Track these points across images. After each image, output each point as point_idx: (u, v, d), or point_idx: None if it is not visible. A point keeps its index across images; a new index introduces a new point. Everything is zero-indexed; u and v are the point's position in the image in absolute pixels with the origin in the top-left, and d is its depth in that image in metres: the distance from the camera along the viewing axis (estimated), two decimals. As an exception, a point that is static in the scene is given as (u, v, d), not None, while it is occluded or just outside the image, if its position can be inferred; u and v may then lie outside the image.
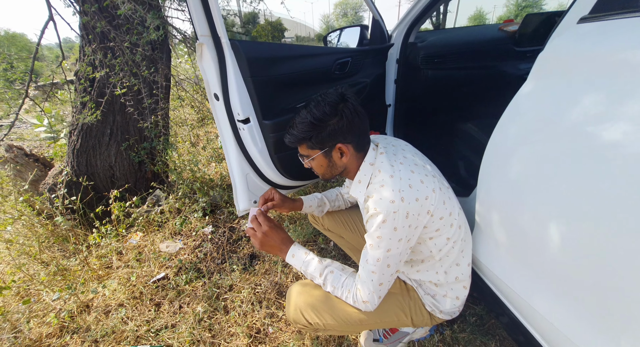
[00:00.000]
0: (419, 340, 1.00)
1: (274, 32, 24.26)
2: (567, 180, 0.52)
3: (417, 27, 1.44)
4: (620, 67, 0.47)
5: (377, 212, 0.63)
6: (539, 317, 0.63)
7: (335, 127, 0.68)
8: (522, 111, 0.62)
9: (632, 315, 0.46)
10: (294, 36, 42.54)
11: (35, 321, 1.09)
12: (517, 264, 0.68)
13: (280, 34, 26.65)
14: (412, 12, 1.38)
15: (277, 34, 25.42)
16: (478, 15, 24.44)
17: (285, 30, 29.28)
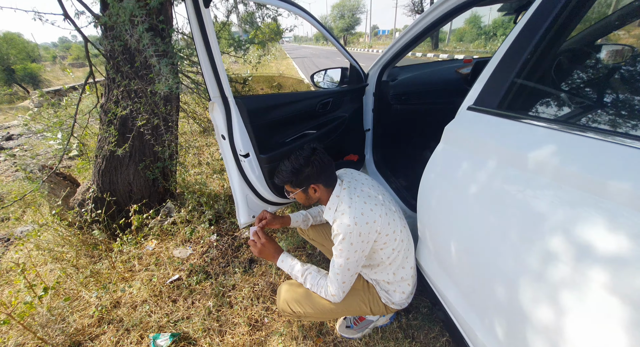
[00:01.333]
0: (382, 326, 1.28)
1: (271, 34, 24.64)
2: (461, 217, 0.80)
3: (389, 69, 1.73)
4: (482, 145, 0.75)
5: (339, 233, 0.91)
6: (449, 304, 0.91)
7: (308, 173, 0.96)
8: (436, 164, 0.90)
9: (495, 300, 0.74)
10: (292, 36, 42.34)
11: (77, 315, 1.36)
12: (438, 267, 0.96)
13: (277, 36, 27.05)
14: (385, 57, 1.66)
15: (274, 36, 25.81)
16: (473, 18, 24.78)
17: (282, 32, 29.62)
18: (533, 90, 0.74)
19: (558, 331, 0.52)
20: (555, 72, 0.79)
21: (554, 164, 0.55)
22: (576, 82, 0.78)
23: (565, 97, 0.72)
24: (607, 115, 0.65)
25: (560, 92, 0.74)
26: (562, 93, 0.74)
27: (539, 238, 0.55)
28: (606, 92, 0.77)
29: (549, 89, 0.76)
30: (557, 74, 0.79)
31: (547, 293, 0.54)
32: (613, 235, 0.44)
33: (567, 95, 0.73)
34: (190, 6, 0.88)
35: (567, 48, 0.90)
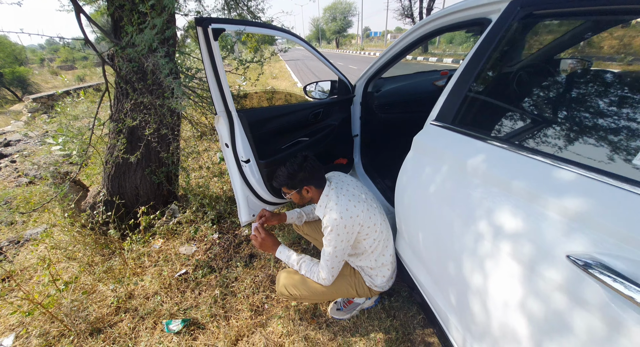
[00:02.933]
0: (368, 308, 1.47)
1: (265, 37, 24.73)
2: (426, 213, 0.99)
3: (373, 81, 1.93)
4: (439, 153, 0.94)
5: (327, 225, 1.10)
6: (418, 279, 1.10)
7: (301, 177, 1.15)
8: (407, 168, 1.09)
9: (448, 274, 0.93)
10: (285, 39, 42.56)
11: (96, 305, 1.51)
12: (412, 254, 1.16)
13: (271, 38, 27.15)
14: (370, 71, 1.86)
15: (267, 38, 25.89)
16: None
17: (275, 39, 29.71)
18: (476, 111, 0.94)
19: (485, 288, 0.71)
20: (494, 95, 1.00)
21: (483, 169, 0.75)
22: (512, 105, 0.98)
23: (501, 117, 0.92)
24: (528, 131, 0.86)
25: (498, 113, 0.94)
26: (499, 113, 0.94)
27: (473, 223, 0.75)
28: (529, 112, 0.97)
29: (488, 109, 0.96)
30: (496, 96, 1.00)
31: (480, 265, 0.73)
32: (515, 219, 0.64)
33: (503, 115, 0.93)
34: (202, 40, 1.06)
35: (510, 72, 1.11)
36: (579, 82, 0.91)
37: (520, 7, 0.80)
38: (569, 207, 0.54)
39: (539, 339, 0.58)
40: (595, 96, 0.77)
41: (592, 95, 0.78)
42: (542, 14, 0.78)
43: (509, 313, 0.64)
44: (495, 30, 0.87)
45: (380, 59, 1.70)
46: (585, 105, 0.78)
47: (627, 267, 0.45)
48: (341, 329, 1.38)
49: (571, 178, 0.57)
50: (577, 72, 1.03)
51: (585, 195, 0.53)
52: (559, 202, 0.56)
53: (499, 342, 0.69)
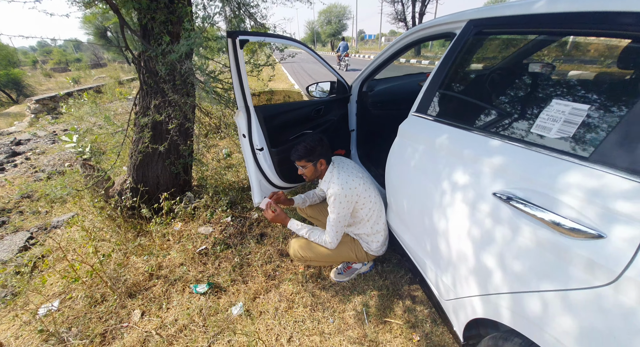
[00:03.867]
0: (364, 273, 1.74)
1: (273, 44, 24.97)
2: (409, 183, 1.26)
3: (367, 82, 2.21)
4: (417, 137, 1.22)
5: (331, 195, 1.37)
6: (405, 242, 1.38)
7: (319, 151, 1.42)
8: (394, 150, 1.38)
9: (424, 229, 1.21)
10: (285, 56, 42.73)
11: (131, 274, 1.76)
12: (399, 220, 1.44)
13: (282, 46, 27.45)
14: (364, 73, 2.15)
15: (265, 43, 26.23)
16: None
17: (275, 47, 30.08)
18: (444, 103, 1.23)
19: (447, 229, 0.99)
20: (461, 90, 1.29)
21: (447, 145, 1.03)
22: (468, 98, 1.27)
23: (460, 107, 1.21)
24: (484, 116, 1.14)
25: (458, 104, 1.23)
26: (459, 105, 1.23)
27: (440, 184, 1.03)
28: (489, 101, 1.26)
29: (452, 102, 1.25)
30: (457, 92, 1.29)
31: (444, 213, 1.01)
32: (464, 175, 0.92)
33: (461, 106, 1.22)
34: (231, 48, 1.33)
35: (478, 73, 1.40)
36: (509, 81, 1.20)
37: (474, 26, 1.09)
38: (494, 163, 0.82)
39: (480, 255, 0.86)
40: (514, 91, 1.06)
41: (513, 90, 1.07)
42: (487, 31, 1.06)
43: (461, 242, 0.92)
44: (458, 42, 1.15)
45: (372, 63, 1.98)
46: (508, 97, 1.07)
47: (524, 195, 0.73)
48: (342, 289, 1.65)
49: (497, 145, 0.85)
50: (511, 75, 1.33)
51: (503, 154, 0.81)
52: (489, 161, 0.84)
53: (457, 266, 0.97)
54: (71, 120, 5.56)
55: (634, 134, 0.57)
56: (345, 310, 1.52)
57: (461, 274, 0.94)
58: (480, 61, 1.40)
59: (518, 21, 0.90)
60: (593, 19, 0.66)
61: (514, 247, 0.73)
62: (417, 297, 1.56)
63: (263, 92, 2.15)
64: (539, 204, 0.68)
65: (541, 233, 0.67)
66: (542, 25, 0.83)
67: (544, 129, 0.76)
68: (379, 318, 1.45)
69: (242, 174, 2.94)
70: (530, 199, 0.70)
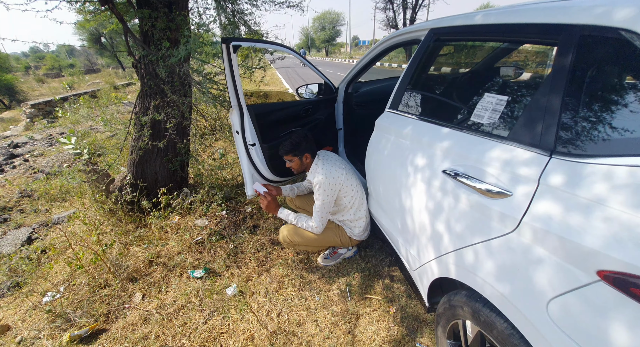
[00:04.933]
0: (349, 258, 1.89)
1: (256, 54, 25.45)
2: (383, 170, 1.43)
3: (352, 84, 2.40)
4: (389, 129, 1.40)
5: (316, 183, 1.53)
6: (383, 225, 1.54)
7: (304, 146, 1.58)
8: (372, 143, 1.55)
9: (396, 208, 1.37)
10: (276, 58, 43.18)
11: (132, 261, 1.88)
12: (377, 206, 1.60)
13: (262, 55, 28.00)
14: (349, 75, 2.33)
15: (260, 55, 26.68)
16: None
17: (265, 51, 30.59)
18: (409, 99, 1.41)
19: (411, 206, 1.16)
20: (424, 88, 1.47)
21: (411, 134, 1.21)
22: (434, 93, 1.46)
23: (421, 102, 1.39)
24: (440, 109, 1.32)
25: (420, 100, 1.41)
26: (425, 100, 1.41)
27: (405, 167, 1.19)
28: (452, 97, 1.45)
29: (416, 98, 1.43)
30: (425, 89, 1.47)
31: (409, 192, 1.17)
32: (422, 158, 1.09)
33: (427, 101, 1.40)
34: (225, 52, 1.50)
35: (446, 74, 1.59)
36: (461, 81, 1.39)
37: (434, 34, 1.28)
38: (443, 146, 1.00)
39: (434, 224, 1.02)
40: (464, 88, 1.25)
41: (463, 87, 1.26)
42: (444, 38, 1.25)
43: (421, 215, 1.09)
44: (422, 47, 1.34)
45: (355, 67, 2.17)
46: (459, 93, 1.26)
47: (464, 170, 0.90)
48: (328, 271, 1.80)
49: (446, 132, 1.02)
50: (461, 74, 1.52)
51: (450, 139, 0.99)
52: (440, 145, 1.01)
53: (419, 237, 1.13)
54: (67, 124, 5.65)
55: (533, 116, 0.74)
56: (330, 289, 1.66)
57: (422, 243, 1.11)
58: (440, 64, 1.59)
59: (464, 30, 1.09)
60: (506, 28, 0.85)
61: (455, 213, 0.90)
62: (395, 277, 1.72)
63: (256, 93, 2.31)
64: (473, 175, 0.85)
65: (472, 198, 0.83)
66: (481, 33, 1.01)
67: (479, 117, 0.93)
68: (360, 295, 1.61)
69: (237, 171, 3.08)
70: (467, 172, 0.87)
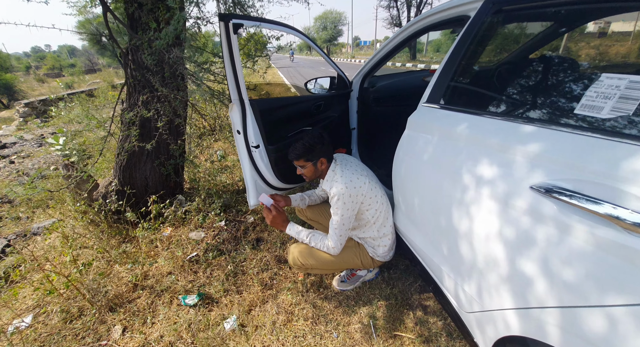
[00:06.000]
0: (369, 280, 1.60)
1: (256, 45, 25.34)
2: (420, 179, 1.14)
3: (369, 77, 2.11)
4: (430, 127, 1.11)
5: (334, 195, 1.24)
6: (415, 245, 1.25)
7: (320, 149, 1.29)
8: (402, 144, 1.25)
9: (441, 229, 1.08)
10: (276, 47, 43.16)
11: (114, 284, 1.59)
12: (408, 221, 1.31)
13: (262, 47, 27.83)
14: (365, 68, 2.04)
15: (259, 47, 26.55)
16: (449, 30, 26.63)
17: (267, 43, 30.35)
18: (459, 91, 1.12)
19: (470, 229, 0.86)
20: (481, 75, 1.18)
21: (467, 134, 0.91)
22: (499, 80, 1.16)
23: (479, 94, 1.10)
24: (511, 101, 1.03)
25: (477, 91, 1.12)
26: (479, 92, 1.11)
27: (460, 178, 0.90)
28: (506, 89, 1.16)
29: (470, 89, 1.13)
30: (476, 79, 1.18)
31: (466, 211, 0.88)
32: (491, 167, 0.80)
33: (481, 93, 1.10)
34: (223, 33, 1.21)
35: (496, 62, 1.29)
36: (540, 67, 1.09)
37: (492, 4, 0.98)
38: (530, 151, 0.70)
39: (515, 259, 0.73)
40: (548, 72, 0.95)
41: (547, 71, 0.96)
42: (509, 9, 0.96)
43: (490, 244, 0.80)
44: (474, 24, 1.05)
45: (374, 57, 1.88)
46: (539, 79, 0.96)
47: (573, 186, 0.61)
48: (345, 298, 1.50)
49: (531, 131, 0.73)
50: (535, 62, 1.22)
51: (539, 141, 0.69)
52: (523, 149, 0.72)
53: (485, 273, 0.84)
54: (60, 124, 5.38)
55: None
56: (351, 322, 1.37)
57: (490, 282, 0.81)
58: (501, 42, 1.29)
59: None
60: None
61: (563, 250, 0.61)
62: (429, 307, 1.42)
63: (260, 86, 2.04)
64: (597, 196, 0.55)
65: (600, 231, 0.54)
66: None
67: (593, 108, 0.64)
68: (387, 332, 1.31)
69: (237, 175, 2.79)
70: (583, 191, 0.58)
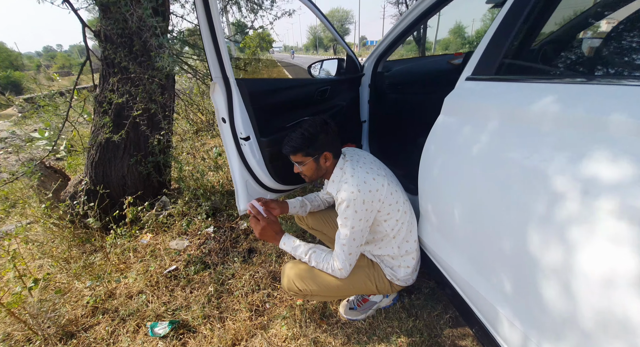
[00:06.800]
0: (385, 308, 1.27)
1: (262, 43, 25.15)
2: (465, 180, 0.82)
3: (383, 60, 1.78)
4: (482, 108, 0.78)
5: (343, 200, 0.92)
6: (451, 269, 0.92)
7: (323, 140, 0.97)
8: (437, 134, 0.93)
9: (504, 257, 0.76)
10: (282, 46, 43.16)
11: (70, 305, 1.30)
12: (442, 238, 0.98)
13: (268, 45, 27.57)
14: (380, 47, 1.71)
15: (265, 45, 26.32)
16: (457, 28, 26.12)
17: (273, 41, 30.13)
18: (524, 56, 0.78)
19: (565, 261, 0.54)
20: (539, 37, 0.84)
21: (554, 111, 0.58)
22: (559, 44, 0.83)
23: (552, 55, 0.76)
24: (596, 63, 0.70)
25: (548, 52, 0.79)
26: (549, 53, 0.78)
27: (543, 179, 0.57)
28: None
29: (537, 52, 0.80)
30: (541, 39, 0.84)
31: (556, 238, 0.55)
32: (613, 164, 0.47)
33: (552, 54, 0.77)
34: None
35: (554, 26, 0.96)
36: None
37: None
38: None
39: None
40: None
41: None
42: None
43: (604, 286, 0.47)
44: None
45: (389, 35, 1.55)
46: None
47: None
48: (355, 331, 1.18)
49: None
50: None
51: None
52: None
53: (591, 330, 0.51)
54: (53, 118, 5.16)
55: None
56: (363, 367, 1.05)
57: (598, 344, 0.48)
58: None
59: None
60: None
61: None
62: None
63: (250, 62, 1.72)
64: None
65: None
66: None
67: None
68: (413, 383, 0.99)
69: (229, 174, 2.49)
70: None
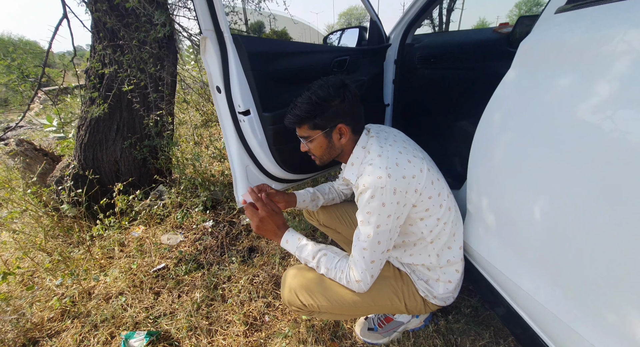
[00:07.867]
0: (414, 330, 1.00)
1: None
2: (553, 160, 0.54)
3: (413, 29, 1.50)
4: (591, 52, 0.50)
5: (366, 188, 0.66)
6: (527, 297, 0.64)
7: (337, 108, 0.72)
8: (505, 98, 0.65)
9: (605, 285, 0.48)
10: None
11: (38, 306, 1.12)
12: (503, 246, 0.70)
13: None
14: (409, 15, 1.43)
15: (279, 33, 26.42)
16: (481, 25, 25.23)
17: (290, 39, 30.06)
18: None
19: None
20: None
21: None
22: None
23: None
24: None
25: None
26: None
27: None
28: None
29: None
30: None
31: None
32: None
33: None
34: None
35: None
36: None
37: None
38: None
39: None
40: None
41: None
42: None
43: None
44: None
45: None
46: None
47: None
48: (376, 360, 0.92)
49: None
50: None
51: None
52: None
53: None
54: (70, 110, 5.20)
55: None
56: None
57: None
58: None
59: None
60: None
61: None
62: (528, 397, 0.80)
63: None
64: None
65: None
66: None
67: None
68: None
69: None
70: None
